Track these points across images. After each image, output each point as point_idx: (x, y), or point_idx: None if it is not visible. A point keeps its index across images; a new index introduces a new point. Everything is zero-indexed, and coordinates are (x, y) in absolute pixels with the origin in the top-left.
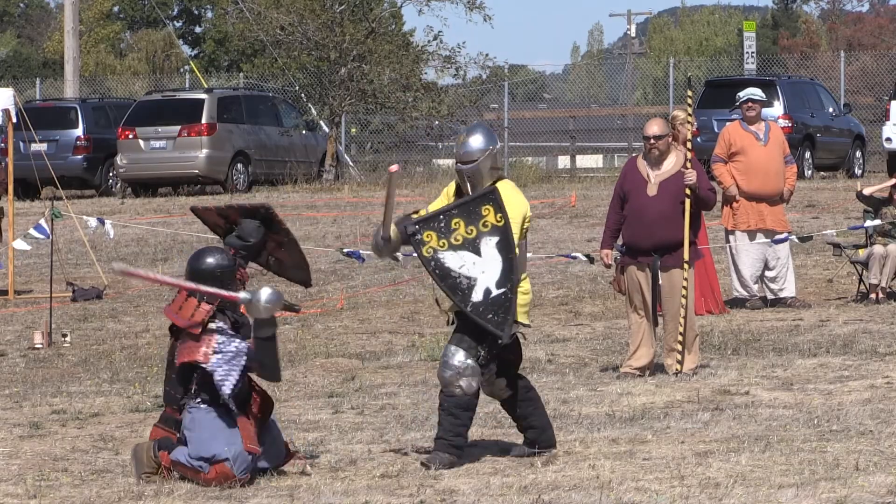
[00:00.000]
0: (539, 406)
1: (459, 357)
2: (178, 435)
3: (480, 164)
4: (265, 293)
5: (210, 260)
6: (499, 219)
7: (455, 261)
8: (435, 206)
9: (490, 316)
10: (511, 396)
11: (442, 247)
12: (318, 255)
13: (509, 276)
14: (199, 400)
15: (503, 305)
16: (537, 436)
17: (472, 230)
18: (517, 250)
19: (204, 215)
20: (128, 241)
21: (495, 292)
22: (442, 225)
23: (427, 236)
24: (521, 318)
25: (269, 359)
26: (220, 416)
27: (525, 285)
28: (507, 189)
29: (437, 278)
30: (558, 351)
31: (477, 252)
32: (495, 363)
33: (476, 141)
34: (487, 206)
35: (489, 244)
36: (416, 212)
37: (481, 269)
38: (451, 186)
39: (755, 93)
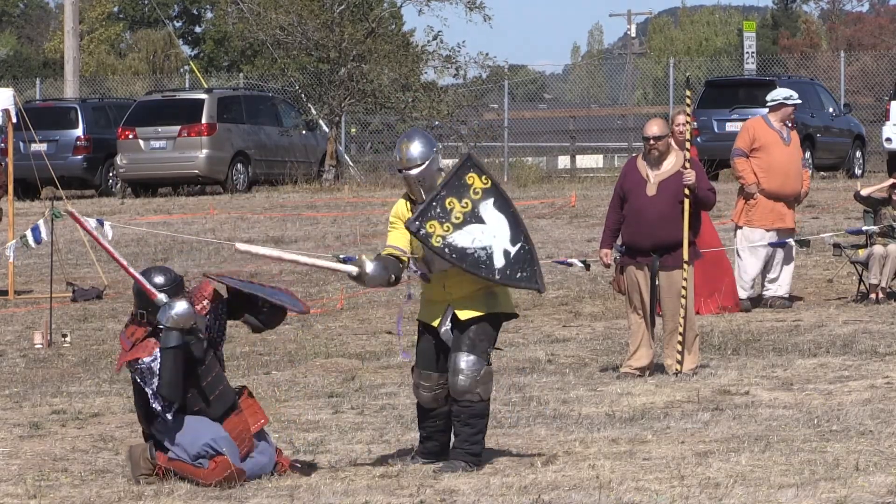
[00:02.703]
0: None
1: (473, 363)
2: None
3: (428, 166)
4: (181, 305)
5: (159, 279)
6: (485, 180)
7: (466, 238)
8: (393, 236)
9: (519, 275)
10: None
11: (448, 231)
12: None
13: (519, 230)
14: (169, 414)
15: (526, 259)
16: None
17: (466, 203)
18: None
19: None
20: (128, 241)
21: (513, 250)
22: (438, 211)
23: (430, 227)
24: (509, 310)
25: (166, 370)
26: (194, 417)
27: None
28: None
29: (457, 263)
30: (558, 351)
31: (480, 220)
32: None
33: (417, 147)
34: (470, 174)
35: (487, 208)
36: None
37: (492, 234)
38: (401, 205)
39: (794, 95)
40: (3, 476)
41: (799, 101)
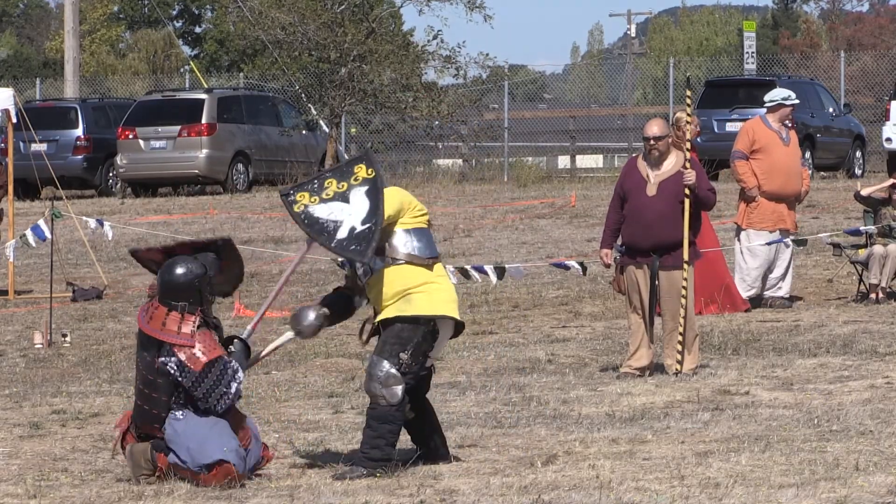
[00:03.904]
0: (437, 427)
1: (382, 366)
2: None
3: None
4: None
5: (183, 271)
6: (370, 172)
7: (324, 210)
8: None
9: (352, 248)
10: (416, 419)
11: (313, 202)
12: (318, 256)
13: (375, 214)
14: (180, 413)
15: (366, 237)
16: (433, 454)
17: (343, 185)
18: (384, 198)
19: (146, 256)
20: (128, 241)
21: (360, 228)
22: (315, 185)
23: (300, 196)
24: (454, 314)
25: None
26: (203, 420)
27: (447, 283)
28: (390, 188)
29: (305, 227)
30: (558, 351)
31: (346, 200)
32: (418, 371)
33: None
34: (360, 165)
35: (359, 193)
36: None
37: (349, 213)
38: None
39: (793, 95)
40: (3, 476)
41: (797, 102)
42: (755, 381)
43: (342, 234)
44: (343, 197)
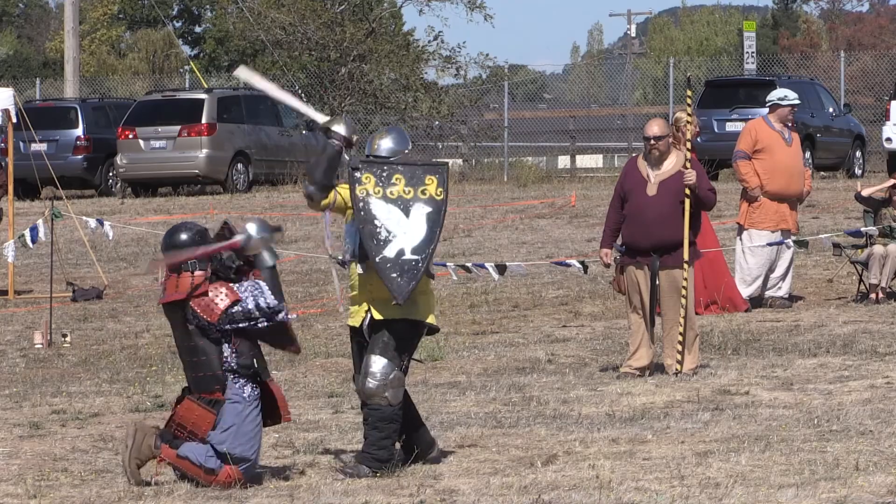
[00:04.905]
0: (421, 423)
1: (384, 367)
2: (186, 431)
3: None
4: (252, 227)
5: (183, 235)
6: (438, 192)
7: (382, 211)
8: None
9: (395, 276)
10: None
11: (377, 193)
12: (317, 255)
13: (427, 248)
14: (241, 379)
15: (412, 271)
16: (424, 451)
17: (409, 191)
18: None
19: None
20: (128, 241)
21: (408, 256)
22: (384, 174)
23: (366, 178)
24: (430, 320)
25: (276, 287)
26: (256, 414)
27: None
28: None
29: (358, 220)
30: (558, 351)
31: (406, 213)
32: (407, 370)
33: (387, 143)
34: (432, 177)
35: (420, 211)
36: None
37: (403, 230)
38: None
39: (790, 95)
40: (3, 476)
41: (796, 101)
42: (755, 381)
43: (389, 252)
44: (405, 206)
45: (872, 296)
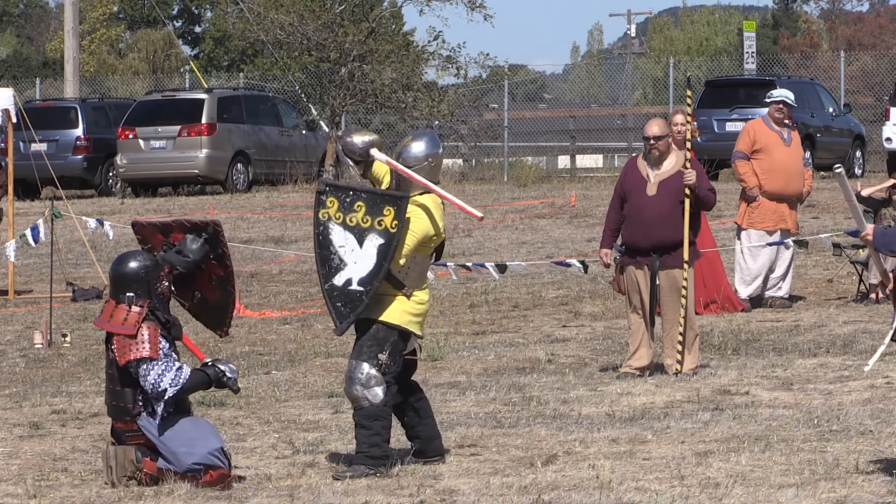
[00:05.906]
0: (428, 416)
1: (362, 369)
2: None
3: (414, 170)
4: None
5: (133, 264)
6: (394, 225)
7: (339, 238)
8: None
9: (339, 304)
10: (400, 403)
11: (337, 219)
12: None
13: (372, 281)
14: (155, 411)
15: (354, 302)
16: (423, 446)
17: (367, 220)
18: (393, 263)
19: (144, 231)
20: (128, 240)
21: (354, 287)
22: (348, 200)
23: (330, 202)
24: (415, 329)
25: (191, 381)
26: (181, 418)
27: (423, 296)
28: (420, 207)
29: (317, 243)
30: (558, 351)
31: (360, 242)
32: (399, 367)
33: (417, 147)
34: (390, 208)
35: (373, 242)
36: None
37: (354, 259)
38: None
39: (789, 96)
40: (3, 476)
41: (779, 98)
42: (755, 381)
43: (338, 280)
44: (360, 235)
45: (872, 296)
